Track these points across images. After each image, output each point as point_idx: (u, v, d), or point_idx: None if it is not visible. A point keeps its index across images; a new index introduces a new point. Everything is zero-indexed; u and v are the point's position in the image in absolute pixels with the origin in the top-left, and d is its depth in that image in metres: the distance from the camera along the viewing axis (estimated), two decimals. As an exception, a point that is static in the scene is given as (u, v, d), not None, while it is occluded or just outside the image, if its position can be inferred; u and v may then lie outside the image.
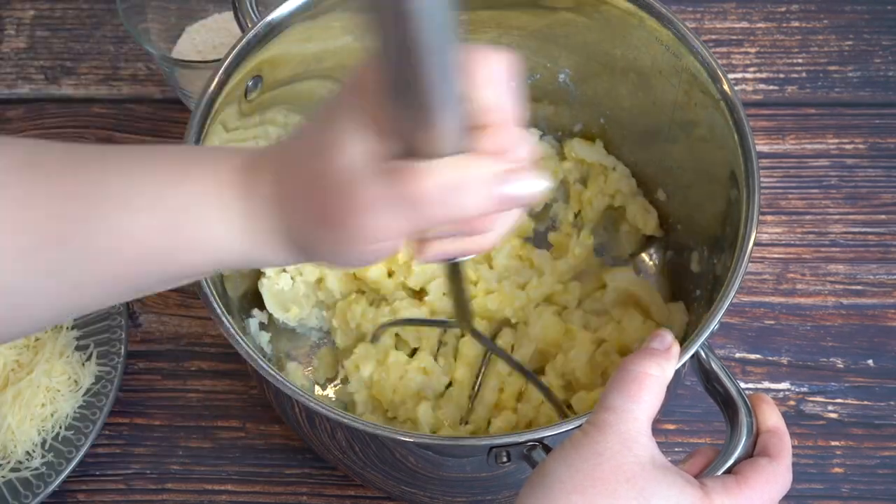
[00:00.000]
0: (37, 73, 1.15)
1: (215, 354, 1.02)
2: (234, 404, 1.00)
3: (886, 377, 1.00)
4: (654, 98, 0.93)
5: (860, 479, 0.96)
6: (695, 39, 0.86)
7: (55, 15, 1.18)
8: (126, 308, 0.98)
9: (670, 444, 0.97)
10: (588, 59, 0.96)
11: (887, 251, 1.05)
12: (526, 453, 0.72)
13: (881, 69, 1.14)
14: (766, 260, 1.05)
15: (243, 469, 0.97)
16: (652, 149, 0.97)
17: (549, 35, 0.95)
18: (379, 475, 0.86)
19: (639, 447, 0.62)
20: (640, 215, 1.00)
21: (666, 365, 0.64)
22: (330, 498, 0.96)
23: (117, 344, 0.97)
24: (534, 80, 1.00)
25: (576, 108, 1.01)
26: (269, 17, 0.86)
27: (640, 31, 0.89)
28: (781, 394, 0.99)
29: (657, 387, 0.64)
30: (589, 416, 0.64)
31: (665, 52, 0.88)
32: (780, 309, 1.03)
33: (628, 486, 0.60)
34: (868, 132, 1.11)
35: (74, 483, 0.96)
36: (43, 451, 0.94)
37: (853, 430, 0.98)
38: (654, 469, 0.61)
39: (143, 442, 0.98)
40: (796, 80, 1.14)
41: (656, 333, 0.66)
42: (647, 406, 0.63)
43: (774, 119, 1.12)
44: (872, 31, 1.16)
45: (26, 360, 0.97)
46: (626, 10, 0.89)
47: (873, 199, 1.08)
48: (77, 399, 0.96)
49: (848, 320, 1.03)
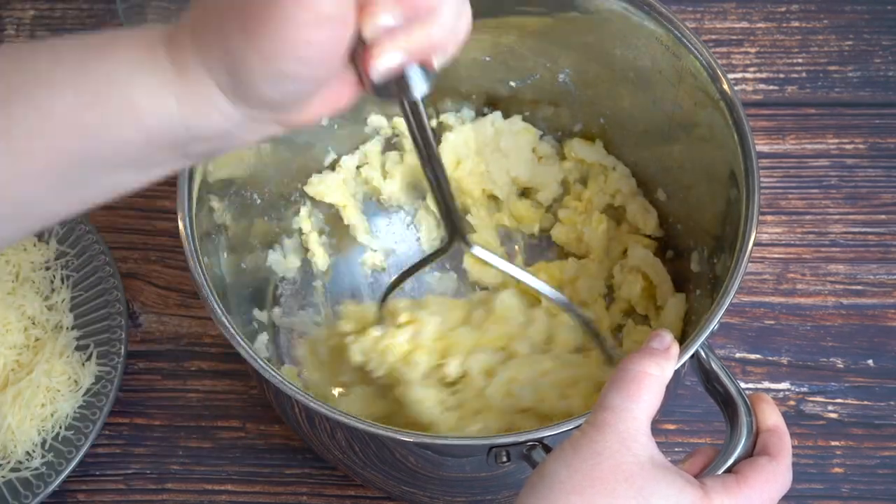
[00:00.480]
0: (37, 74, 1.15)
1: (215, 354, 1.02)
2: (234, 404, 1.00)
3: (886, 377, 1.00)
4: (653, 98, 0.93)
5: (860, 479, 0.96)
6: (694, 39, 0.86)
7: (55, 15, 1.18)
8: (126, 308, 0.98)
9: (670, 444, 0.97)
10: (588, 60, 0.96)
11: (887, 251, 1.05)
12: (526, 453, 0.72)
13: (881, 69, 1.14)
14: (766, 260, 1.05)
15: (243, 469, 0.97)
16: (652, 149, 0.97)
17: (548, 35, 0.95)
18: (379, 475, 0.86)
19: (638, 446, 0.61)
20: (640, 215, 1.00)
21: (665, 365, 0.64)
22: (330, 498, 0.96)
23: (117, 344, 0.97)
24: (534, 79, 1.00)
25: (576, 108, 1.01)
26: None
27: (640, 31, 0.89)
28: (781, 394, 0.99)
29: (656, 386, 0.64)
30: (588, 416, 0.64)
31: (665, 51, 0.88)
32: (780, 309, 1.03)
33: (627, 485, 0.60)
34: (868, 132, 1.11)
35: (74, 483, 0.96)
36: (43, 451, 0.94)
37: (853, 430, 0.98)
38: (653, 468, 0.61)
39: (143, 442, 0.98)
40: (796, 80, 1.14)
41: (655, 333, 0.66)
42: (646, 405, 0.63)
43: (774, 119, 1.12)
44: (872, 31, 1.16)
45: (26, 361, 0.97)
46: (626, 10, 0.89)
47: (873, 199, 1.08)
48: (77, 399, 0.96)
49: (848, 320, 1.03)
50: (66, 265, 1.01)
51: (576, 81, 0.99)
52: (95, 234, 1.01)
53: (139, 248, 1.06)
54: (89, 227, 1.01)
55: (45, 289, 1.00)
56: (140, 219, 1.07)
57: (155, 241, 1.06)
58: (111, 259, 1.00)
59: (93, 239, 1.00)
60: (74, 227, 1.01)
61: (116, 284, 0.99)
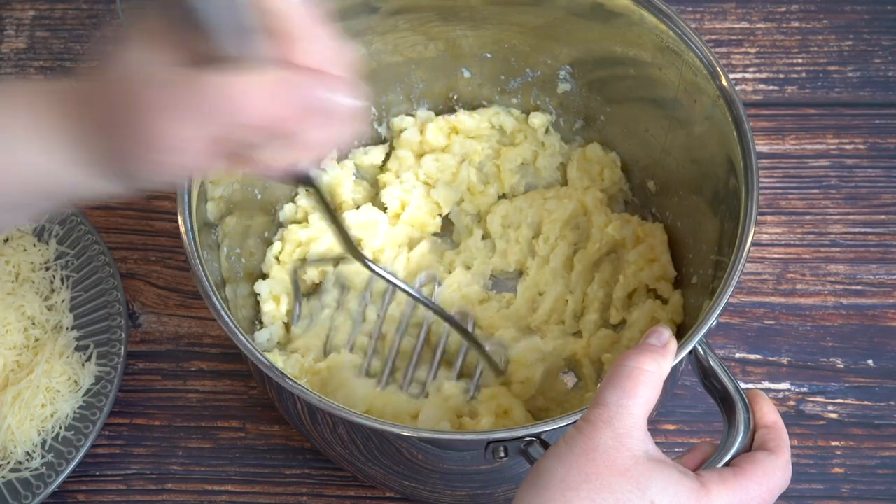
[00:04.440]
0: (36, 74, 1.15)
1: (215, 355, 1.02)
2: (234, 404, 1.00)
3: (886, 377, 1.00)
4: (653, 95, 0.93)
5: (860, 479, 0.96)
6: (694, 36, 0.87)
7: (55, 15, 1.18)
8: (126, 308, 0.98)
9: (670, 444, 0.97)
10: (588, 56, 0.96)
11: (887, 251, 1.05)
12: (523, 448, 0.72)
13: (881, 69, 1.14)
14: (766, 260, 1.05)
15: (243, 469, 0.97)
16: (652, 145, 0.98)
17: (549, 32, 0.96)
18: (381, 470, 0.86)
19: (633, 442, 0.61)
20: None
21: (662, 361, 0.64)
22: (330, 498, 0.96)
23: (117, 344, 0.97)
24: (534, 76, 1.00)
25: (576, 105, 1.01)
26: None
27: (640, 28, 0.90)
28: (781, 394, 0.99)
29: (653, 383, 0.64)
30: (583, 413, 0.64)
31: (665, 49, 0.89)
32: (780, 309, 1.03)
33: (623, 479, 0.60)
34: (868, 132, 1.11)
35: (74, 483, 0.96)
36: (43, 452, 0.94)
37: (853, 431, 0.98)
38: (649, 462, 0.61)
39: (142, 442, 0.98)
40: (796, 80, 1.14)
41: (653, 330, 0.66)
42: (642, 402, 0.63)
43: (774, 119, 1.12)
44: (872, 31, 1.16)
45: (26, 361, 0.97)
46: (626, 8, 0.89)
47: (873, 199, 1.08)
48: (77, 399, 0.96)
49: (848, 320, 1.03)
50: (66, 265, 1.01)
51: (576, 78, 0.99)
52: (95, 234, 1.01)
53: (139, 248, 1.06)
54: (89, 227, 1.01)
55: (45, 289, 1.00)
56: (140, 219, 1.07)
57: (155, 241, 1.06)
58: (111, 259, 1.00)
59: (93, 239, 1.01)
60: (74, 228, 1.01)
61: (116, 285, 0.99)
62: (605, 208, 1.00)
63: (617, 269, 0.98)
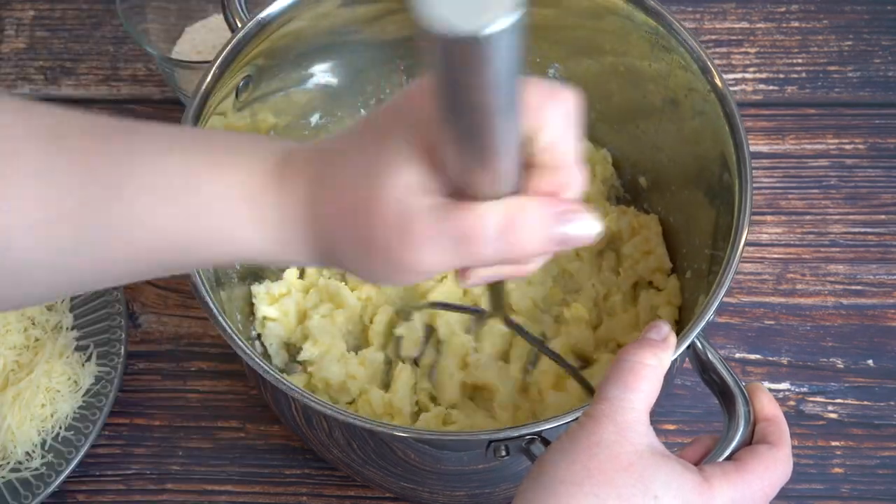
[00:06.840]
0: (36, 74, 1.15)
1: (215, 355, 1.02)
2: (233, 404, 1.00)
3: (886, 377, 1.00)
4: (644, 91, 0.93)
5: (860, 480, 0.96)
6: (684, 32, 0.86)
7: (55, 15, 1.18)
8: (126, 308, 0.98)
9: (670, 444, 0.96)
10: (577, 54, 0.96)
11: (887, 251, 1.05)
12: (525, 447, 0.72)
13: (881, 69, 1.14)
14: (765, 260, 1.05)
15: (243, 469, 0.97)
16: (643, 142, 0.97)
17: (537, 29, 0.95)
18: (378, 472, 0.86)
19: (636, 436, 0.61)
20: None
21: (663, 355, 0.64)
22: (330, 498, 0.96)
23: (117, 344, 0.97)
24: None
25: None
26: (260, 16, 0.87)
27: (629, 25, 0.89)
28: (781, 394, 0.99)
29: (654, 377, 0.64)
30: (585, 408, 0.64)
31: (655, 44, 0.88)
32: (780, 309, 1.03)
33: (626, 473, 0.60)
34: (868, 132, 1.11)
35: (74, 483, 0.96)
36: (43, 452, 0.94)
37: (853, 431, 0.98)
38: (652, 456, 0.61)
39: (142, 442, 0.98)
40: (796, 80, 1.14)
41: (653, 324, 0.66)
42: (644, 396, 0.63)
43: (774, 119, 1.12)
44: (872, 31, 1.16)
45: (26, 361, 0.97)
46: (616, 4, 0.89)
47: (873, 199, 1.08)
48: (77, 399, 0.96)
49: (848, 320, 1.03)
50: (66, 265, 1.01)
51: (565, 76, 0.99)
52: (95, 234, 1.01)
53: (139, 248, 1.06)
54: (89, 227, 1.01)
55: (45, 289, 1.00)
56: (140, 219, 1.06)
57: (155, 241, 1.06)
58: (111, 259, 1.00)
59: (93, 239, 1.00)
60: (74, 228, 1.01)
61: (116, 285, 0.99)
62: (604, 201, 1.00)
63: (617, 260, 0.98)
